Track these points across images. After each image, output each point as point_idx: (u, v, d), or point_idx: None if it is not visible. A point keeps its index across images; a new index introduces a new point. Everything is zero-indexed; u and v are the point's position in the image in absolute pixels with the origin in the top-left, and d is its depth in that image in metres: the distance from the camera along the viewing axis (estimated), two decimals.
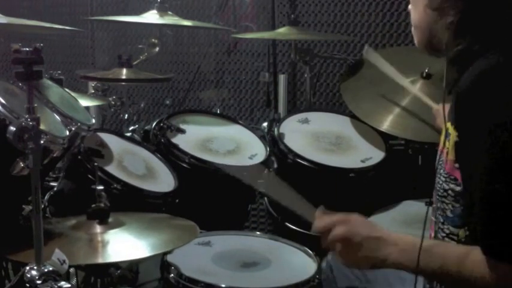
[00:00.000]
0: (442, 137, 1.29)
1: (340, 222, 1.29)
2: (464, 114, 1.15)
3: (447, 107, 1.25)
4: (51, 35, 3.42)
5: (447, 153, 1.25)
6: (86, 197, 1.75)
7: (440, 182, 1.30)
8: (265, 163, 2.39)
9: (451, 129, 1.21)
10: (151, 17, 2.72)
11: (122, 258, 1.64)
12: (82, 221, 1.70)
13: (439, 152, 1.32)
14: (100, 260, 1.57)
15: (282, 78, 2.98)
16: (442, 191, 1.30)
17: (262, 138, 2.57)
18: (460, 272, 1.16)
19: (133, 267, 2.04)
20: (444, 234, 1.32)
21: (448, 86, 1.26)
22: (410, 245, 1.23)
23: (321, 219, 1.32)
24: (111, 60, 3.62)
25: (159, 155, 2.33)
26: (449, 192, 1.27)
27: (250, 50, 3.40)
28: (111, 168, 2.05)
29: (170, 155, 2.34)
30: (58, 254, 1.36)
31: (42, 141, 1.35)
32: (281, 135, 2.42)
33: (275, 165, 2.42)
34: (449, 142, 1.23)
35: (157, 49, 3.02)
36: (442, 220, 1.32)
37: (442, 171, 1.30)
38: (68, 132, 1.79)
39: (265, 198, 2.57)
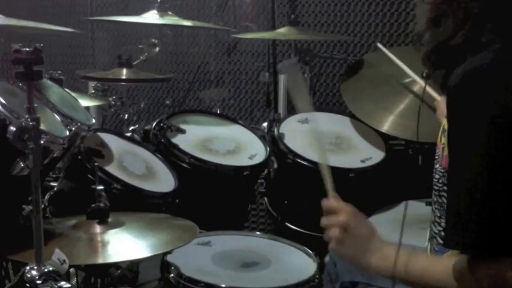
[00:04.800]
0: (440, 133, 1.28)
1: (348, 212, 1.32)
2: (451, 111, 1.12)
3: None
4: (51, 35, 3.42)
5: (443, 148, 1.25)
6: (85, 197, 1.75)
7: (437, 177, 1.30)
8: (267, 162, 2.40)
9: (446, 125, 1.21)
10: (151, 17, 2.72)
11: (122, 258, 1.65)
12: (82, 221, 1.70)
13: (436, 147, 1.32)
14: (100, 260, 1.57)
15: (282, 78, 2.98)
16: (439, 185, 1.30)
17: (262, 138, 2.57)
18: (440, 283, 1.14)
19: (133, 267, 2.04)
20: (441, 228, 1.32)
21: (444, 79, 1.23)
22: (391, 254, 1.22)
23: (333, 201, 1.35)
24: (111, 60, 3.62)
25: (159, 155, 2.33)
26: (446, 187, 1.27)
27: (250, 50, 3.40)
28: (111, 168, 2.05)
29: (170, 155, 2.34)
30: (58, 254, 1.36)
31: (42, 141, 1.35)
32: (281, 135, 2.42)
33: (275, 165, 2.42)
34: (445, 138, 1.22)
35: (157, 49, 3.01)
36: (439, 214, 1.32)
37: (438, 166, 1.30)
38: (68, 132, 1.79)
39: (265, 198, 2.57)
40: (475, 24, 1.15)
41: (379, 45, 2.59)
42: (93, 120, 2.06)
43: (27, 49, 1.29)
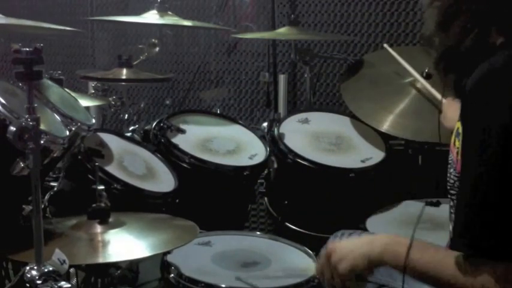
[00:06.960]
0: (453, 136, 1.28)
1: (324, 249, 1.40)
2: (467, 115, 1.13)
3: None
4: (51, 35, 3.42)
5: (457, 153, 1.24)
6: (86, 197, 1.75)
7: (451, 182, 1.30)
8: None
9: (461, 128, 1.20)
10: (151, 17, 2.72)
11: (122, 258, 1.65)
12: (82, 221, 1.70)
13: (450, 151, 1.32)
14: (100, 260, 1.57)
15: (282, 78, 2.98)
16: (453, 190, 1.30)
17: (262, 138, 2.57)
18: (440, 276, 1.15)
19: (133, 267, 2.04)
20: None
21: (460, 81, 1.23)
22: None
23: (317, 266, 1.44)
24: (111, 60, 3.62)
25: (159, 155, 2.33)
26: None
27: (250, 50, 3.40)
28: (111, 168, 2.05)
29: (170, 155, 2.34)
30: (58, 254, 1.36)
31: (42, 141, 1.35)
32: (281, 135, 2.42)
33: (275, 165, 2.42)
34: (459, 141, 1.20)
35: (157, 49, 3.01)
36: (452, 219, 1.32)
37: (452, 170, 1.29)
38: (68, 132, 1.79)
39: (265, 198, 2.57)
40: (483, 27, 1.15)
41: (386, 46, 2.59)
42: (93, 120, 2.06)
43: (27, 49, 1.29)
